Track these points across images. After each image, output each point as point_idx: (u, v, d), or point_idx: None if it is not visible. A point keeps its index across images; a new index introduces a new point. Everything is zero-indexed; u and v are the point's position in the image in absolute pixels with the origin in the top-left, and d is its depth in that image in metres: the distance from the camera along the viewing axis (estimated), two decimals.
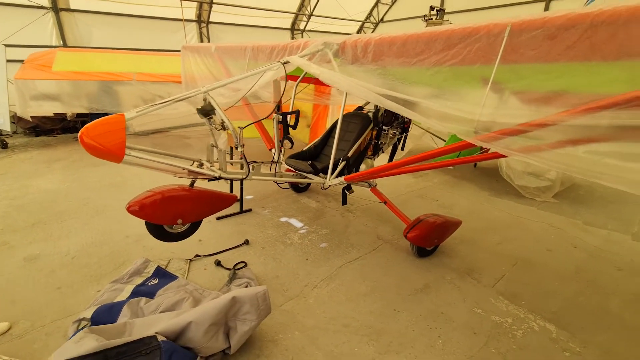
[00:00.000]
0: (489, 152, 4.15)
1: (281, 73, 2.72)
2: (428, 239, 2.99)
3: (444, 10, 11.41)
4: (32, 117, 7.39)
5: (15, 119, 7.49)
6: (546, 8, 11.51)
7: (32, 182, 5.08)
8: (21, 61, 6.92)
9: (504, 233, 3.66)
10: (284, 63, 2.69)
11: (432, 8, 11.04)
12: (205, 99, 2.53)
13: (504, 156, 2.48)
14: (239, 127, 2.49)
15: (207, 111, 2.43)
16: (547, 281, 2.85)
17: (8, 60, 6.52)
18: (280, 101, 3.56)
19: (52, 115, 7.97)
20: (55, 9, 8.85)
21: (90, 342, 1.57)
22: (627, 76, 1.50)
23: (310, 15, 13.98)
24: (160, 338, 1.70)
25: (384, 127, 3.60)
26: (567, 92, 1.67)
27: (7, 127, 6.44)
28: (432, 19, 11.38)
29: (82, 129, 1.93)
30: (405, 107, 2.15)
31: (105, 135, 2.00)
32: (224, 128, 2.45)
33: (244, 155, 2.51)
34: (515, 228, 3.79)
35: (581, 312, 2.49)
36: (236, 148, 2.45)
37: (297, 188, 4.74)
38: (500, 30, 1.76)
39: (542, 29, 1.62)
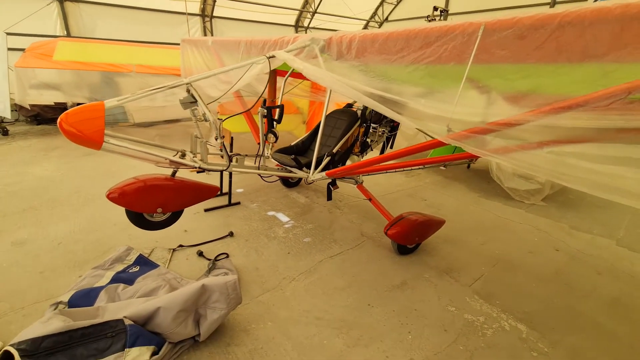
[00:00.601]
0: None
1: (267, 67, 2.74)
2: (409, 236, 3.01)
3: (447, 11, 11.37)
4: (33, 105, 7.49)
5: (17, 107, 7.59)
6: (551, 6, 11.40)
7: (28, 169, 5.15)
8: (24, 50, 7.01)
9: (488, 234, 3.66)
10: (269, 57, 2.72)
11: (435, 8, 10.99)
12: (188, 90, 2.56)
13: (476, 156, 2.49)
14: (218, 119, 2.51)
15: (189, 102, 2.47)
16: (525, 282, 2.86)
17: (11, 49, 6.60)
18: (273, 95, 3.58)
19: (53, 104, 8.06)
20: None
21: (57, 323, 1.61)
22: (590, 78, 1.51)
23: (314, 12, 13.97)
24: (128, 322, 1.74)
25: (372, 125, 3.61)
26: (534, 92, 1.68)
27: (7, 114, 6.52)
28: (435, 19, 11.35)
29: (62, 115, 1.97)
30: (381, 104, 2.16)
31: (84, 122, 2.04)
32: (205, 119, 2.49)
33: (224, 147, 2.54)
34: (500, 230, 3.80)
35: (554, 314, 2.50)
36: (216, 139, 2.48)
37: (288, 183, 4.77)
38: (475, 30, 1.77)
39: (512, 29, 1.63)
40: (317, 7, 13.77)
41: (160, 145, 2.63)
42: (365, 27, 16.49)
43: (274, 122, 3.01)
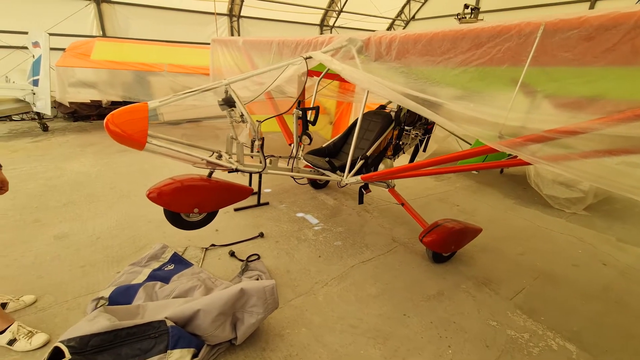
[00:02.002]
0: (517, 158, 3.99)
1: (303, 68, 2.71)
2: (445, 244, 2.90)
3: (478, 8, 11.00)
4: (70, 103, 7.81)
5: (56, 104, 7.95)
6: (591, 8, 10.82)
7: (67, 164, 5.38)
8: (63, 49, 7.33)
9: (527, 244, 3.49)
10: (306, 58, 2.68)
11: (466, 6, 10.67)
12: (226, 92, 2.57)
13: (527, 163, 2.36)
14: (257, 121, 2.50)
15: (227, 103, 2.47)
16: (570, 298, 2.69)
17: (52, 49, 6.90)
18: (302, 97, 3.55)
19: (89, 102, 8.40)
20: (97, 0, 9.27)
21: (103, 321, 1.64)
22: None
23: (340, 11, 13.88)
24: (169, 323, 1.75)
25: (406, 128, 3.51)
26: (603, 98, 1.55)
27: (47, 111, 6.84)
28: (465, 17, 11.01)
29: (108, 116, 2.01)
30: (426, 108, 2.08)
31: (129, 123, 2.07)
32: (243, 121, 2.48)
33: (262, 149, 2.53)
34: (539, 239, 3.60)
35: (605, 334, 2.33)
36: (253, 141, 2.47)
37: (316, 184, 4.74)
38: (533, 30, 1.66)
39: (578, 29, 1.51)
40: (343, 6, 13.67)
41: (198, 145, 2.65)
42: (391, 25, 16.25)
43: (309, 124, 2.98)
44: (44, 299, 2.40)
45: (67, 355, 1.46)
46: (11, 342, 1.96)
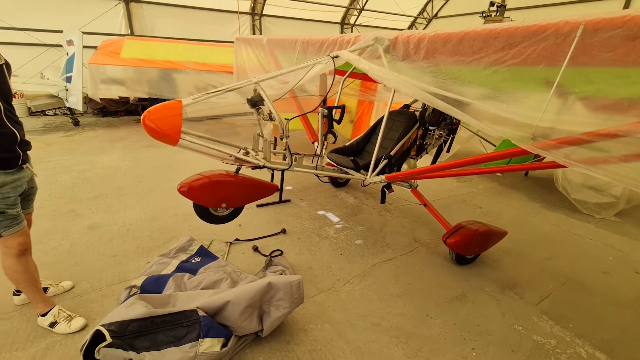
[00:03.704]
0: (544, 160, 3.87)
1: (330, 67, 2.74)
2: (469, 246, 2.87)
3: (504, 6, 10.69)
4: (100, 99, 8.14)
5: (86, 100, 8.30)
6: (626, 6, 10.35)
7: (97, 157, 5.62)
8: (94, 47, 7.63)
9: (553, 249, 3.40)
10: (333, 57, 2.70)
11: (492, 4, 10.39)
12: (255, 90, 2.62)
13: (560, 166, 2.30)
14: (285, 119, 2.54)
15: (256, 101, 2.52)
16: (600, 306, 2.61)
17: (84, 47, 7.20)
18: (326, 95, 3.56)
19: (118, 98, 8.71)
20: (126, 0, 9.59)
21: (140, 308, 1.72)
22: None
23: (362, 9, 13.80)
24: (201, 313, 1.82)
25: (430, 128, 3.48)
26: None
27: (79, 106, 7.15)
28: (490, 15, 10.72)
29: (144, 113, 2.09)
30: (456, 108, 2.07)
31: (164, 119, 2.15)
32: (271, 119, 2.53)
33: (288, 147, 2.57)
34: (567, 245, 3.50)
35: (638, 345, 2.25)
36: (281, 139, 2.52)
37: (336, 183, 4.76)
38: (571, 29, 1.62)
39: (622, 28, 1.46)
40: (365, 4, 13.58)
41: (225, 142, 2.72)
42: (413, 24, 16.02)
43: (334, 122, 3.00)
44: (80, 286, 2.53)
45: (108, 338, 1.55)
46: (52, 324, 2.08)
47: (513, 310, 2.50)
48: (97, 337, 1.63)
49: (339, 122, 2.97)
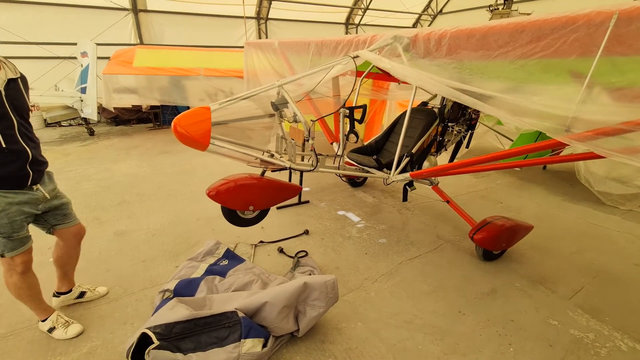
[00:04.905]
0: (561, 154, 3.82)
1: (350, 67, 2.75)
2: (496, 242, 2.85)
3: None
4: (114, 108, 8.27)
5: (100, 110, 8.43)
6: None
7: (115, 166, 5.71)
8: (105, 58, 7.76)
9: (580, 242, 3.35)
10: (353, 57, 2.72)
11: None
12: (278, 93, 2.65)
13: (583, 158, 2.26)
14: (311, 120, 2.56)
15: (280, 104, 2.55)
16: (635, 298, 2.57)
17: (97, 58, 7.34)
18: (349, 95, 3.54)
19: (130, 106, 8.85)
20: (135, 10, 9.75)
21: (183, 311, 1.75)
22: None
23: (366, 9, 13.80)
24: (241, 314, 1.84)
25: (449, 124, 3.47)
26: None
27: (94, 116, 7.27)
28: (497, 8, 10.64)
29: (175, 120, 2.13)
30: (483, 102, 2.06)
31: (194, 125, 2.18)
32: (295, 121, 2.55)
33: (314, 148, 2.59)
34: (594, 238, 3.45)
35: None
36: (307, 140, 2.54)
37: (354, 182, 4.76)
38: (604, 19, 1.61)
39: None
40: (369, 4, 13.58)
41: (250, 145, 2.75)
42: (417, 21, 15.96)
43: (355, 122, 3.00)
44: (114, 291, 2.58)
45: (155, 341, 1.57)
46: (51, 329, 2.11)
47: (546, 305, 2.47)
48: (143, 340, 1.66)
49: (360, 121, 2.98)
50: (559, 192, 4.61)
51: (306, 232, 3.46)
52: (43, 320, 2.13)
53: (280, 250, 3.13)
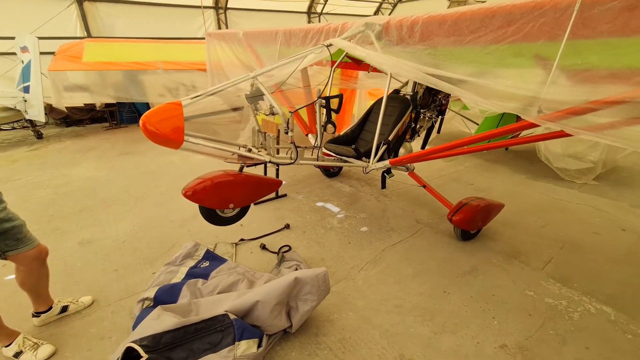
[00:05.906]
0: (521, 135, 4.04)
1: (323, 55, 2.70)
2: (473, 222, 2.97)
3: None
4: (66, 107, 7.60)
5: (47, 110, 7.71)
6: None
7: (71, 170, 5.27)
8: (51, 53, 7.07)
9: (546, 216, 3.59)
10: (327, 46, 2.66)
11: None
12: (252, 85, 2.54)
13: (545, 138, 2.39)
14: (289, 112, 2.49)
15: (255, 96, 2.45)
16: (598, 264, 2.79)
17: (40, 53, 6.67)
18: (327, 85, 3.47)
19: (82, 105, 8.18)
20: (79, 0, 8.94)
21: (170, 319, 1.65)
22: None
23: None
24: (232, 316, 1.77)
25: (421, 110, 3.53)
26: None
27: (41, 118, 6.62)
28: None
29: (143, 117, 1.97)
30: (458, 87, 2.10)
31: (165, 122, 2.03)
32: (272, 113, 2.46)
33: (294, 141, 2.52)
34: (557, 211, 3.71)
35: (638, 295, 2.44)
36: (286, 132, 2.47)
37: (329, 173, 4.75)
38: (570, 4, 1.67)
39: (619, 0, 1.53)
40: None
41: (225, 141, 2.64)
42: (378, 9, 16.09)
43: (332, 112, 2.96)
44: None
45: (143, 354, 1.47)
46: (17, 354, 1.91)
47: (522, 278, 2.63)
48: (127, 354, 1.54)
49: (337, 111, 2.94)
50: (522, 170, 4.89)
51: (287, 227, 3.41)
52: (7, 346, 1.93)
53: (263, 247, 3.05)
